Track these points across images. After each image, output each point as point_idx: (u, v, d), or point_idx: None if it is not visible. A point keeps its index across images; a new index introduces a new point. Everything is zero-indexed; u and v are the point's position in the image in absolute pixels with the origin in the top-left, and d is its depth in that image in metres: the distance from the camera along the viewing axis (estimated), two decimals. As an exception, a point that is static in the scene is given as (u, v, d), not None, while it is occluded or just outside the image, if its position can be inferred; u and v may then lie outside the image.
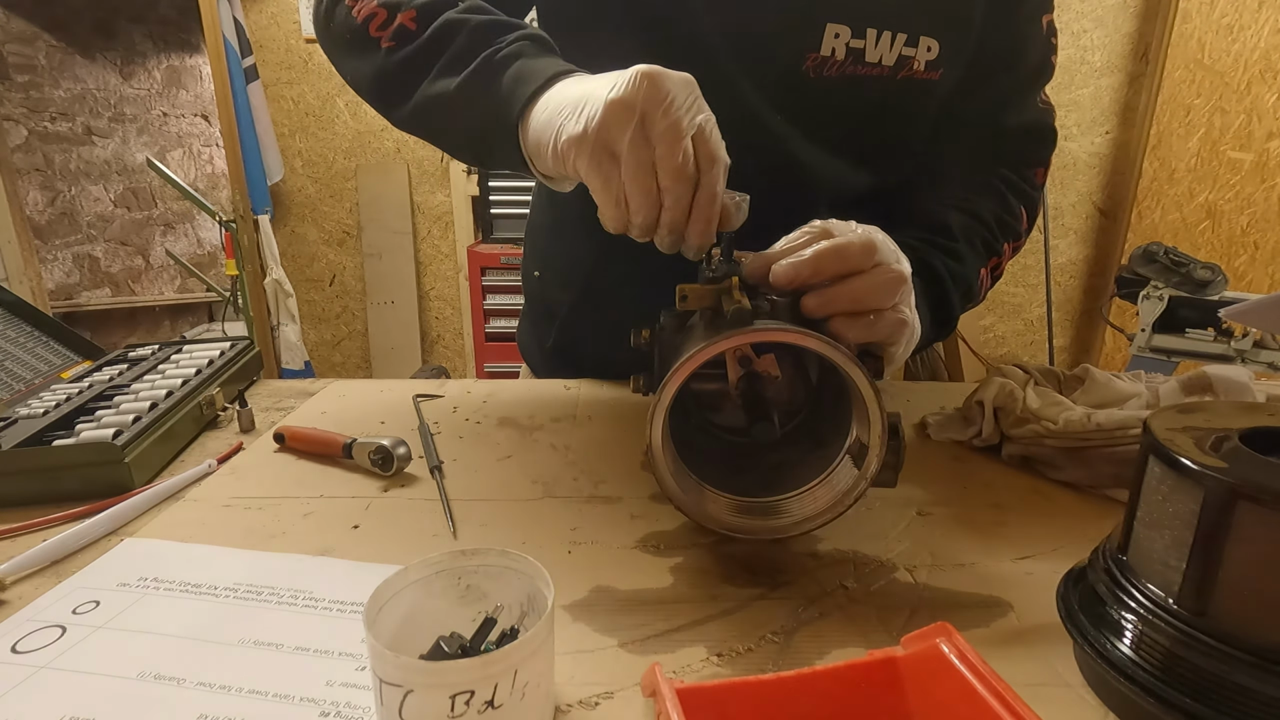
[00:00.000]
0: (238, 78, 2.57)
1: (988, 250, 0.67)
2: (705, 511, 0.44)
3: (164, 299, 4.33)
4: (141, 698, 0.34)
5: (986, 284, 0.68)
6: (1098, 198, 2.83)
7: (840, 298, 0.44)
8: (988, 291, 0.70)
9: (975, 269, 0.65)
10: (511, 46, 0.50)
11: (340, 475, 0.58)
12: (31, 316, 0.78)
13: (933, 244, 0.64)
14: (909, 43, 0.61)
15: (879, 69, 0.61)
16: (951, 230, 0.65)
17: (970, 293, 0.66)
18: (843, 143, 0.66)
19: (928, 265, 0.62)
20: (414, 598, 0.33)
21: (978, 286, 0.66)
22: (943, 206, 0.68)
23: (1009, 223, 0.70)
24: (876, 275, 0.44)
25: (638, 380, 0.49)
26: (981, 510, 0.52)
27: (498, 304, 2.65)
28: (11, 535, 0.49)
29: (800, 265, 0.43)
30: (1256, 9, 2.21)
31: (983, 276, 0.67)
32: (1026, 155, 0.73)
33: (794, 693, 0.30)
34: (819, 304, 0.44)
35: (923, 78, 0.63)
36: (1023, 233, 0.71)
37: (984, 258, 0.67)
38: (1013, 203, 0.70)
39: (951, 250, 0.64)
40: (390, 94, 0.55)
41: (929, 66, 0.62)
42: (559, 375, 0.83)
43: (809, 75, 0.62)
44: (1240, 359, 1.81)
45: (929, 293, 0.61)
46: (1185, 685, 0.30)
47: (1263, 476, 0.29)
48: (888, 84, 0.62)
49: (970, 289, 0.65)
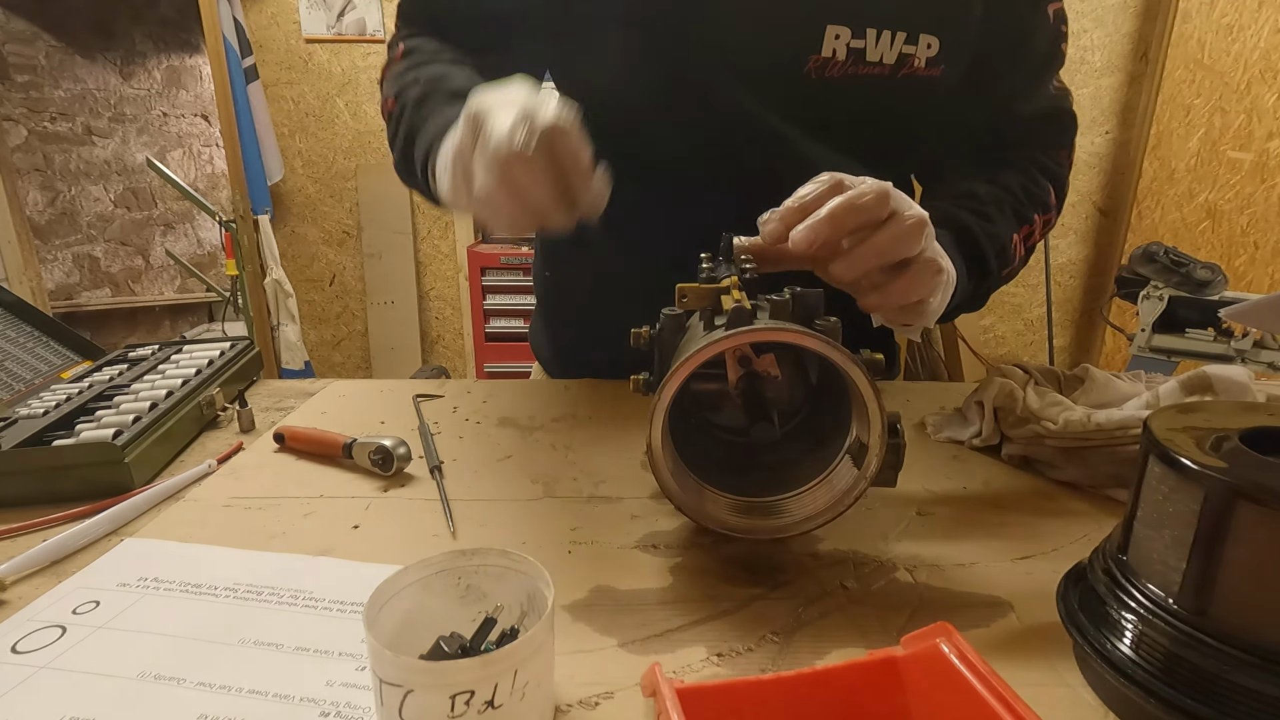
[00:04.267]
0: (238, 78, 2.57)
1: (1017, 217, 0.66)
2: (705, 511, 0.44)
3: (164, 299, 4.33)
4: (141, 698, 0.34)
5: (1020, 252, 0.66)
6: (1098, 198, 2.83)
7: (866, 256, 0.43)
8: (1023, 263, 0.68)
9: (1007, 231, 0.64)
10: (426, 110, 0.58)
11: (340, 475, 0.58)
12: (31, 316, 0.78)
13: (961, 206, 0.63)
14: (909, 41, 0.61)
15: (880, 68, 0.61)
16: (979, 196, 0.64)
17: (1005, 255, 0.64)
18: (847, 141, 0.65)
19: (956, 220, 0.60)
20: (414, 598, 0.33)
21: (1011, 250, 0.64)
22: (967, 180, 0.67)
23: (1036, 194, 0.68)
24: (896, 225, 0.43)
25: (638, 380, 0.49)
26: (981, 510, 0.52)
27: (498, 304, 2.65)
28: (11, 535, 0.49)
29: (818, 226, 0.42)
30: (1256, 9, 2.21)
31: (1015, 242, 0.65)
32: (1046, 140, 0.72)
33: (794, 693, 0.30)
34: (846, 267, 0.43)
35: (924, 75, 0.63)
36: (1053, 206, 0.70)
37: (1014, 224, 0.65)
38: (1038, 177, 0.69)
39: (980, 212, 0.63)
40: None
41: (930, 64, 0.62)
42: (570, 375, 0.83)
43: (811, 77, 0.62)
44: (1240, 359, 1.81)
45: (961, 244, 0.59)
46: (1185, 685, 0.30)
47: (1263, 476, 0.29)
48: (889, 83, 0.62)
49: (1004, 250, 0.63)
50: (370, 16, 2.66)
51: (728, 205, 0.56)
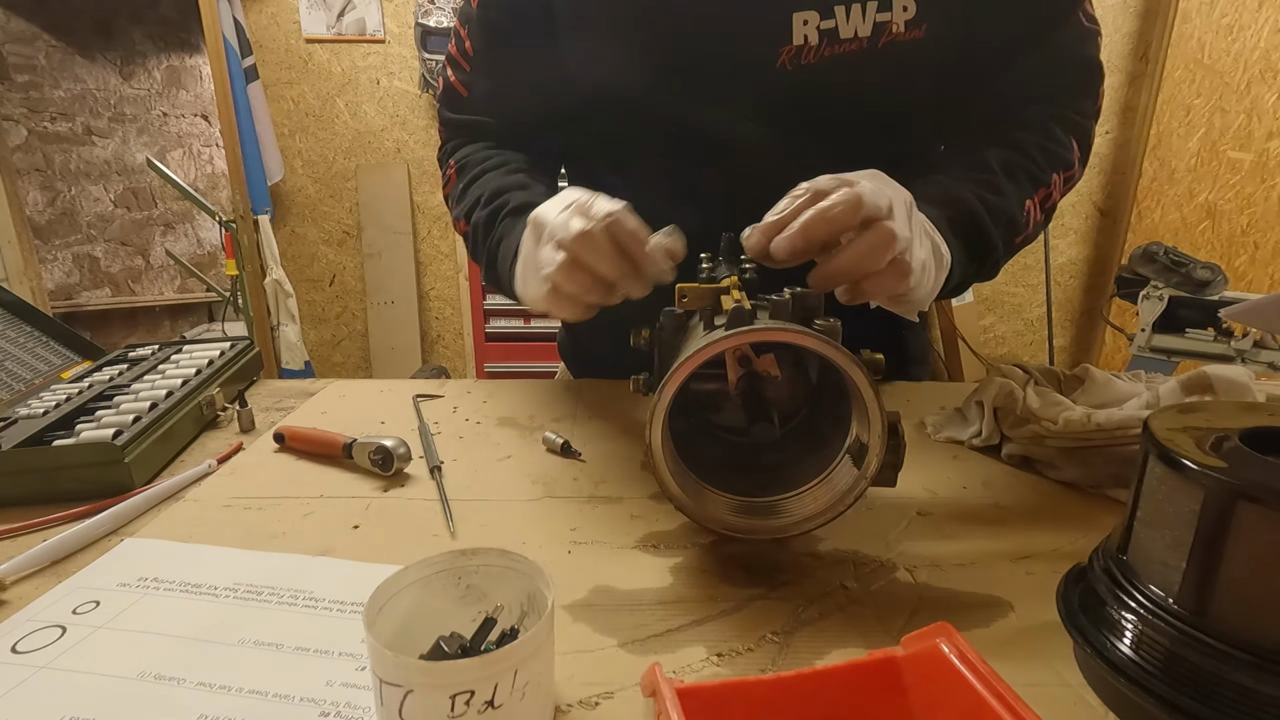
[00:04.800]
0: (238, 78, 2.57)
1: (1033, 182, 0.64)
2: (705, 511, 0.44)
3: (164, 299, 4.32)
4: (141, 698, 0.34)
5: (1037, 216, 0.64)
6: (1098, 198, 2.83)
7: (836, 274, 0.45)
8: (1041, 227, 0.66)
9: (1018, 201, 0.62)
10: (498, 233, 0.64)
11: (340, 475, 0.58)
12: (31, 316, 0.78)
13: (968, 179, 0.62)
14: (881, 8, 0.59)
15: (856, 43, 0.60)
16: (989, 165, 0.63)
17: (1015, 224, 0.62)
18: (836, 128, 0.64)
19: (958, 199, 0.59)
20: (414, 598, 0.33)
21: (1023, 218, 0.63)
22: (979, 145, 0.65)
23: (1056, 152, 0.65)
24: (862, 243, 0.45)
25: (638, 380, 0.49)
26: (981, 510, 0.52)
27: (498, 304, 2.65)
28: (11, 535, 0.49)
29: (793, 239, 0.44)
30: (1256, 9, 2.21)
31: (1029, 208, 0.63)
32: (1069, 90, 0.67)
33: (794, 693, 0.30)
34: (817, 282, 0.45)
35: (906, 39, 0.60)
36: (1075, 162, 0.67)
37: (1029, 190, 0.63)
38: (1058, 132, 0.66)
39: (988, 183, 0.61)
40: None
41: (909, 26, 0.60)
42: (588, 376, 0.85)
43: (786, 69, 0.61)
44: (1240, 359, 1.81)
45: (959, 225, 0.58)
46: (1185, 685, 0.30)
47: (1263, 476, 0.29)
48: (871, 56, 0.61)
49: (1014, 221, 0.62)
50: (370, 16, 2.66)
51: (719, 206, 0.56)
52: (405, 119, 2.77)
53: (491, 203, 0.65)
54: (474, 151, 0.73)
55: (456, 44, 0.72)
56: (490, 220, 0.65)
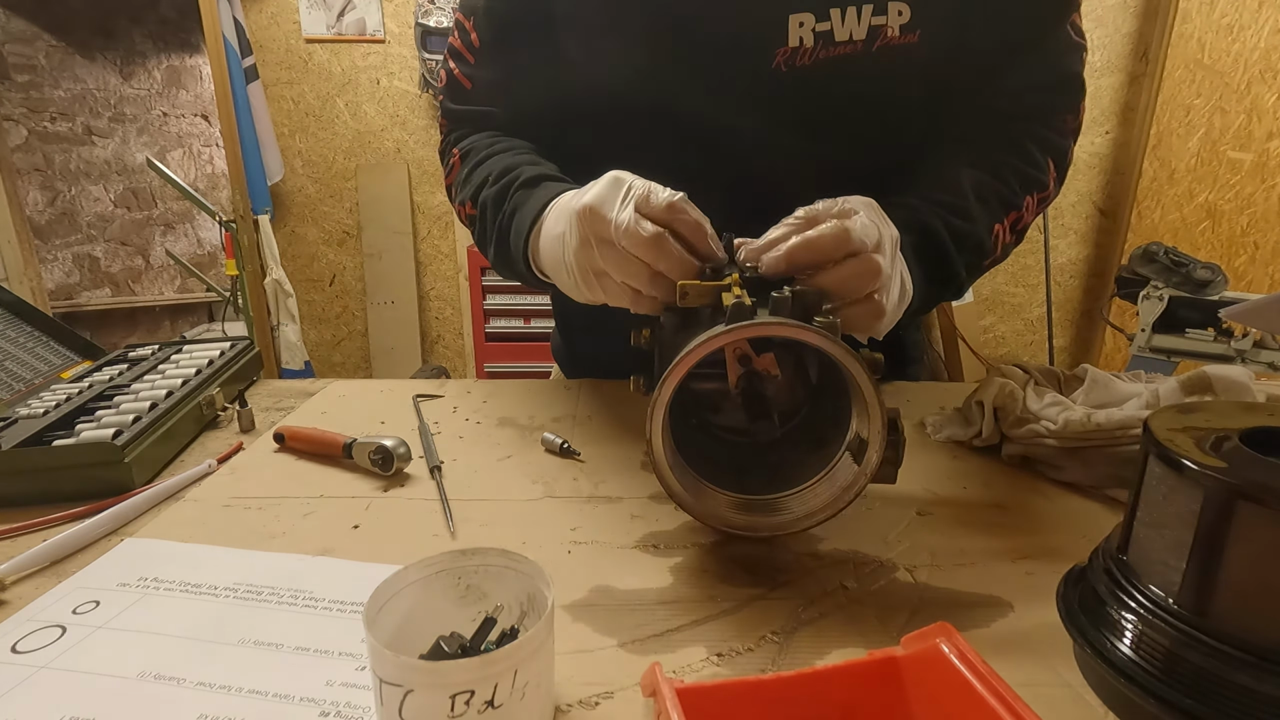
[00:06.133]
0: (238, 78, 2.57)
1: (1004, 206, 0.64)
2: (706, 508, 0.44)
3: (164, 299, 4.32)
4: (141, 698, 0.34)
5: (1006, 239, 0.65)
6: (1098, 198, 2.83)
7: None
8: (1011, 248, 0.67)
9: (987, 226, 0.63)
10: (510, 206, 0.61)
11: (340, 475, 0.58)
12: (31, 316, 0.78)
13: (937, 203, 0.62)
14: (877, 12, 0.59)
15: (851, 46, 0.60)
16: (961, 188, 0.63)
17: (982, 249, 0.63)
18: (831, 131, 0.65)
19: (923, 225, 0.60)
20: (414, 598, 0.33)
21: (991, 242, 0.64)
22: (954, 165, 0.66)
23: (1030, 174, 0.66)
24: (846, 269, 0.46)
25: (638, 380, 0.49)
26: (981, 510, 0.52)
27: (498, 304, 2.65)
28: (11, 535, 0.49)
29: (777, 261, 0.46)
30: (1256, 9, 2.21)
31: (998, 232, 0.64)
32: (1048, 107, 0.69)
33: (794, 693, 0.30)
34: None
35: (900, 43, 0.61)
36: (1049, 183, 0.68)
37: (999, 213, 0.64)
38: (1034, 154, 0.67)
39: (957, 208, 0.62)
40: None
41: (904, 30, 0.60)
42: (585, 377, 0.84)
43: (781, 70, 0.61)
44: (1240, 359, 1.81)
45: (922, 250, 0.59)
46: (1185, 685, 0.30)
47: (1263, 476, 0.29)
48: (866, 60, 0.61)
49: (981, 246, 0.63)
50: (370, 16, 2.66)
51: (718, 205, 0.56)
52: (405, 119, 2.77)
53: (501, 179, 0.64)
54: (478, 139, 0.72)
55: (460, 37, 0.72)
56: (501, 195, 0.63)
